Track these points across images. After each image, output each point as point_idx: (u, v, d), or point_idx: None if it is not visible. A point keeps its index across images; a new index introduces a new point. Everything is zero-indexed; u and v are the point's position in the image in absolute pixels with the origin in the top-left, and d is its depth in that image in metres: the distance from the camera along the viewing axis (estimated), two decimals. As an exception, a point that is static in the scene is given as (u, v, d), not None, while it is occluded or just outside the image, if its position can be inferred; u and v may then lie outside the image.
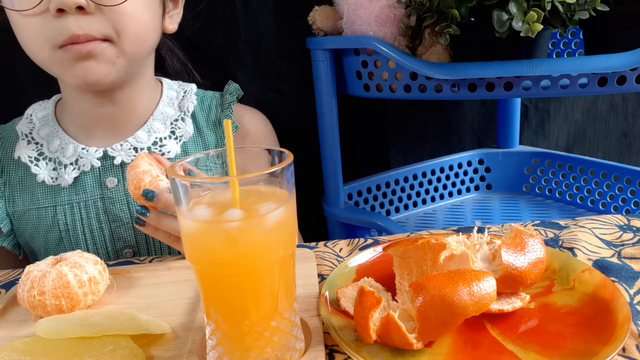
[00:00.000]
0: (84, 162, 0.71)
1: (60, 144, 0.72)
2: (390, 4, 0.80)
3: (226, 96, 0.80)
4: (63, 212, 0.72)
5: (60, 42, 0.61)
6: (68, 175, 0.71)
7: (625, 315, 0.43)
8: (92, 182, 0.72)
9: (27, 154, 0.72)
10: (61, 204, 0.72)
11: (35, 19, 0.61)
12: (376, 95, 0.85)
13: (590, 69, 0.70)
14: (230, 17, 1.03)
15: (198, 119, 0.78)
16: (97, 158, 0.72)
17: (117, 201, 0.72)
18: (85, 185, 0.72)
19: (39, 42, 0.63)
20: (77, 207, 0.72)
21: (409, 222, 1.10)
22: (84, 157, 0.72)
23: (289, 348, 0.42)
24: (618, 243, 0.59)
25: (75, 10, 0.60)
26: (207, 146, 0.77)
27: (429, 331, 0.41)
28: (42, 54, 0.64)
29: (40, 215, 0.72)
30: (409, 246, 0.48)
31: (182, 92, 0.79)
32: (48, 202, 0.72)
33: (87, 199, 0.72)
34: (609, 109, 1.21)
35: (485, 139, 1.24)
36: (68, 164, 0.72)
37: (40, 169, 0.72)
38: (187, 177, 0.38)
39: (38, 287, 0.51)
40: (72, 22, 0.60)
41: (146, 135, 0.73)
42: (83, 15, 0.60)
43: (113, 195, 0.72)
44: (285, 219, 0.40)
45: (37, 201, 0.72)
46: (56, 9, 0.59)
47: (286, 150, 0.41)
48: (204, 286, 0.42)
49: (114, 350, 0.44)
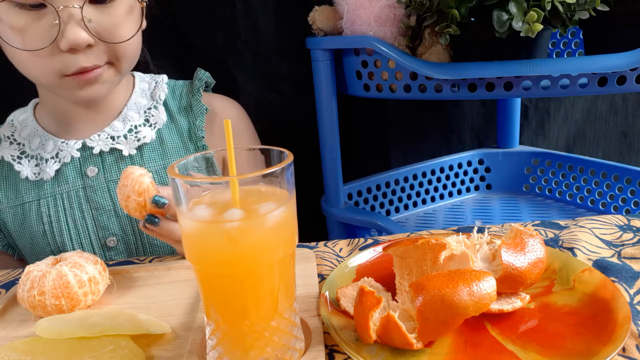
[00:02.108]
0: (64, 154, 0.74)
1: (41, 141, 0.76)
2: (390, 4, 0.80)
3: (195, 82, 0.83)
4: (46, 205, 0.74)
5: (69, 72, 0.65)
6: (49, 169, 0.74)
7: (625, 315, 0.43)
8: (73, 173, 0.75)
9: (9, 154, 0.75)
10: (44, 197, 0.75)
11: (43, 53, 0.63)
12: (376, 95, 0.85)
13: (590, 69, 0.70)
14: (230, 17, 1.03)
15: (170, 106, 0.81)
16: (76, 149, 0.74)
17: (99, 189, 0.75)
18: (67, 177, 0.75)
19: (46, 73, 0.65)
20: (59, 198, 0.74)
21: (409, 222, 1.10)
22: (63, 149, 0.74)
23: (289, 348, 0.42)
24: (618, 243, 0.59)
25: (84, 48, 0.64)
26: (180, 131, 0.80)
27: (429, 331, 0.41)
28: (48, 81, 0.67)
29: (25, 211, 0.75)
30: (409, 246, 0.48)
31: (154, 82, 0.82)
32: (32, 197, 0.75)
33: (70, 190, 0.75)
34: (609, 109, 1.21)
35: (485, 139, 1.24)
36: (49, 158, 0.75)
37: (23, 166, 0.75)
38: (187, 177, 0.38)
39: (38, 287, 0.51)
40: (82, 57, 0.64)
41: (121, 124, 0.76)
42: (90, 49, 0.64)
43: (94, 184, 0.75)
44: (285, 219, 0.40)
45: (22, 197, 0.75)
46: (68, 49, 0.62)
47: (286, 150, 0.41)
48: (204, 286, 0.42)
49: (114, 350, 0.44)
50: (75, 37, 0.61)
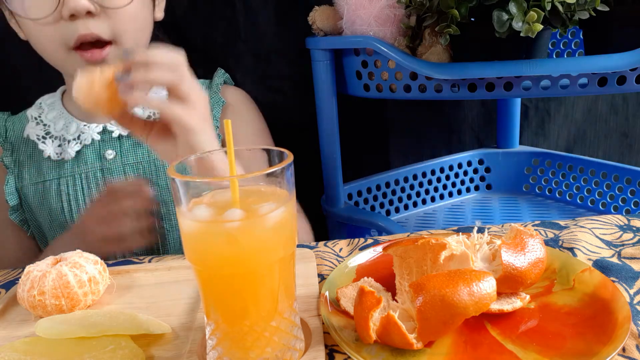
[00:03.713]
0: (85, 136, 0.79)
1: (65, 123, 0.81)
2: (390, 4, 0.80)
3: (214, 79, 0.89)
4: (66, 184, 0.79)
5: (72, 43, 0.69)
6: (71, 149, 0.79)
7: (625, 315, 0.43)
8: (93, 154, 0.79)
9: (35, 133, 0.80)
10: (64, 176, 0.79)
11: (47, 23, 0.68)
12: (376, 95, 0.84)
13: (590, 69, 0.70)
14: (230, 17, 1.03)
15: None
16: (97, 132, 0.79)
17: (115, 171, 0.79)
18: (87, 158, 0.79)
19: (53, 45, 0.70)
20: (78, 178, 0.79)
21: (409, 222, 1.10)
22: (85, 132, 0.79)
23: (289, 348, 0.42)
24: (618, 243, 0.59)
25: (84, 15, 0.67)
26: None
27: (429, 331, 0.41)
28: (58, 55, 0.71)
29: (46, 188, 0.79)
30: (409, 246, 0.48)
31: None
32: (53, 175, 0.79)
33: (88, 171, 0.79)
34: (609, 109, 1.21)
35: (485, 139, 1.24)
36: (71, 139, 0.79)
37: (47, 145, 0.80)
38: (187, 177, 0.38)
39: (38, 287, 0.51)
40: (81, 25, 0.68)
41: (141, 110, 0.79)
42: (90, 18, 0.68)
43: (111, 166, 0.79)
44: (285, 219, 0.40)
45: (43, 175, 0.80)
46: (69, 15, 0.67)
47: (286, 150, 0.41)
48: (204, 286, 0.42)
49: (114, 350, 0.44)
50: (76, 3, 0.65)
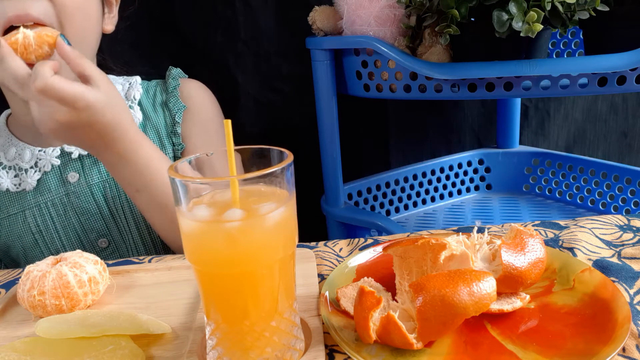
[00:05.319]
0: (44, 163, 0.73)
1: (17, 150, 0.74)
2: (390, 4, 0.80)
3: (169, 81, 0.82)
4: (32, 215, 0.74)
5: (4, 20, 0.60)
6: (31, 179, 0.73)
7: (625, 315, 0.43)
8: (55, 180, 0.74)
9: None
10: (29, 208, 0.74)
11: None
12: (376, 95, 0.84)
13: (590, 69, 0.70)
14: (230, 17, 1.03)
15: (144, 105, 0.81)
16: (55, 157, 0.74)
17: (82, 194, 0.74)
18: (49, 185, 0.74)
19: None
20: (44, 207, 0.74)
21: (409, 222, 1.10)
22: (42, 158, 0.74)
23: (289, 348, 0.42)
24: (618, 243, 0.59)
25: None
26: (156, 129, 0.79)
27: (429, 331, 0.41)
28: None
29: (11, 223, 0.74)
30: (409, 246, 0.48)
31: (128, 83, 0.82)
32: (16, 208, 0.74)
33: (53, 198, 0.74)
34: (609, 109, 1.21)
35: (485, 139, 1.24)
36: (28, 168, 0.74)
37: (2, 177, 0.73)
38: (187, 177, 0.38)
39: (38, 287, 0.51)
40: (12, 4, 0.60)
41: None
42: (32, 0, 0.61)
43: (77, 189, 0.74)
44: (285, 219, 0.40)
45: (6, 209, 0.74)
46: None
47: (286, 150, 0.41)
48: (204, 286, 0.42)
49: (114, 350, 0.44)
50: None
